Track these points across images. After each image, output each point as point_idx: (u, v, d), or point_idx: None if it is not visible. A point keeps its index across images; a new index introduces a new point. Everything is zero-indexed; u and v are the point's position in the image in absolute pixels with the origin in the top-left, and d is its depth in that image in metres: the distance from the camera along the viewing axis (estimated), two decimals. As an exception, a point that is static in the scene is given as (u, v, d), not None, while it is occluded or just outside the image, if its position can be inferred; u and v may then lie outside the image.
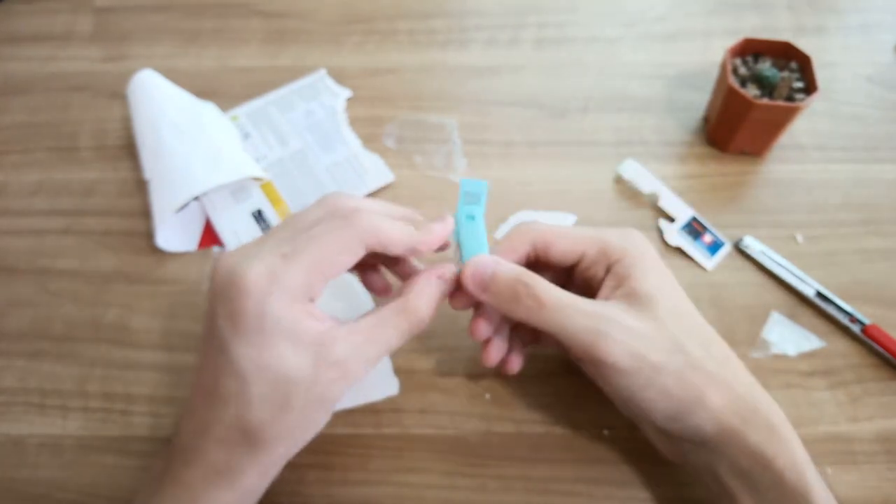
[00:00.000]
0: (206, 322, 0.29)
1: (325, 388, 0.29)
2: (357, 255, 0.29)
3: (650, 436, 0.34)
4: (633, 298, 0.30)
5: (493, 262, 0.31)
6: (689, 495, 0.35)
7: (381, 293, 0.36)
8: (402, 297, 0.31)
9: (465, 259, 0.32)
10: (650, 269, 0.31)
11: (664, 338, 0.30)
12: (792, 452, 0.29)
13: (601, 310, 0.30)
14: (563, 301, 0.30)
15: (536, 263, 0.34)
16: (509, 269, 0.31)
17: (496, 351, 0.34)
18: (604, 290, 0.32)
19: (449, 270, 0.32)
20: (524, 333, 0.37)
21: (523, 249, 0.33)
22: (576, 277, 0.34)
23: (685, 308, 0.32)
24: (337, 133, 0.49)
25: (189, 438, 0.30)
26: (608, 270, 0.32)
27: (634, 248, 0.32)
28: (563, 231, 0.33)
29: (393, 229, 0.30)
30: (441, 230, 0.32)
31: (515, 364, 0.36)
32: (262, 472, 0.30)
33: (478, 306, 0.34)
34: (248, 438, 0.29)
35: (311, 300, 0.30)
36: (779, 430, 0.29)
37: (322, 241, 0.29)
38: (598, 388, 0.37)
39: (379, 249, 0.30)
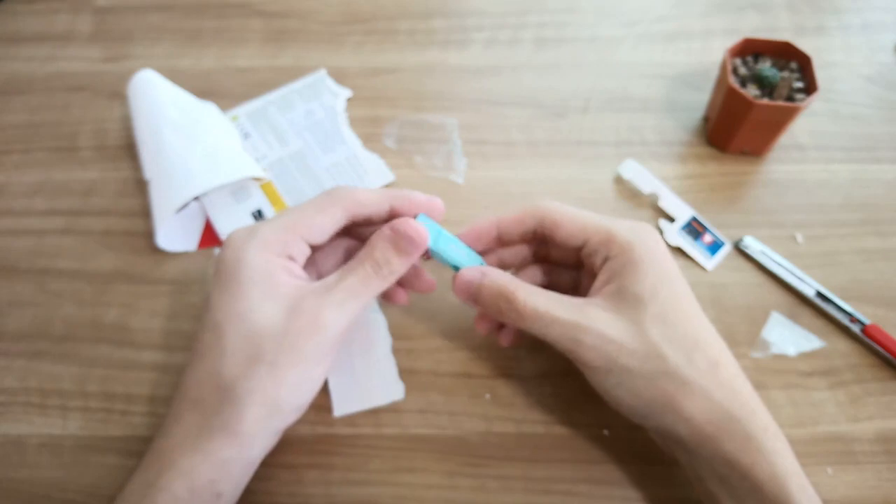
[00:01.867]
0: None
1: (296, 339, 0.29)
2: (334, 216, 0.32)
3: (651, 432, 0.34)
4: (619, 299, 0.31)
5: (479, 275, 0.33)
6: (688, 495, 0.35)
7: (401, 302, 0.38)
8: (376, 254, 0.31)
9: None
10: (649, 269, 0.31)
11: (640, 343, 0.30)
12: (771, 464, 0.28)
13: (577, 317, 0.30)
14: (540, 312, 0.31)
15: (544, 239, 0.35)
16: (492, 283, 0.32)
17: (488, 322, 0.36)
18: (599, 280, 0.32)
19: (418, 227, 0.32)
20: None
21: (530, 223, 0.34)
22: (582, 258, 0.34)
23: (677, 312, 0.31)
24: (337, 133, 0.49)
25: (171, 407, 0.30)
26: (605, 262, 0.32)
27: (641, 243, 0.31)
28: (572, 215, 0.33)
29: (368, 190, 0.33)
30: (419, 196, 0.33)
31: (507, 337, 0.36)
32: (236, 440, 0.29)
33: None
34: (221, 395, 0.28)
35: (291, 258, 0.31)
36: (757, 440, 0.29)
37: (302, 206, 0.32)
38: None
39: (356, 210, 0.32)
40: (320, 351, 0.30)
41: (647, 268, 0.31)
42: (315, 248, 0.33)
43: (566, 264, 0.37)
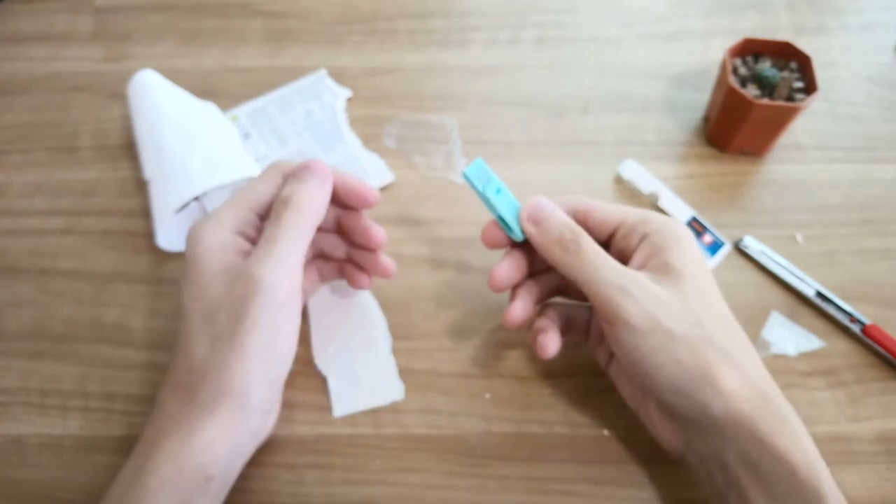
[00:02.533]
0: None
1: (242, 306, 0.29)
2: (273, 181, 0.33)
3: (654, 421, 0.33)
4: (663, 271, 0.31)
5: (552, 207, 0.33)
6: (689, 496, 0.35)
7: (366, 286, 0.39)
8: (282, 192, 0.32)
9: (512, 225, 0.34)
10: (687, 249, 0.32)
11: (684, 310, 0.30)
12: (804, 447, 0.28)
13: (630, 273, 0.31)
14: (600, 255, 0.31)
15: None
16: (563, 216, 0.33)
17: (519, 309, 0.34)
18: (636, 259, 0.32)
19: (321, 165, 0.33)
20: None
21: (563, 209, 0.34)
22: (611, 250, 0.34)
23: (713, 293, 0.32)
24: (337, 133, 0.49)
25: (158, 396, 0.31)
26: (643, 239, 0.33)
27: (675, 228, 0.33)
28: (603, 203, 0.35)
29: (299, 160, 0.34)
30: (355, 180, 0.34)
31: (552, 344, 0.34)
32: (214, 418, 0.29)
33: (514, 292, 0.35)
34: (195, 377, 0.29)
35: (243, 234, 0.32)
36: (791, 423, 0.29)
37: (247, 183, 0.33)
38: (601, 386, 0.37)
39: (289, 173, 0.33)
40: (271, 313, 0.29)
41: (685, 246, 0.32)
42: (263, 218, 0.34)
43: (580, 300, 0.37)
